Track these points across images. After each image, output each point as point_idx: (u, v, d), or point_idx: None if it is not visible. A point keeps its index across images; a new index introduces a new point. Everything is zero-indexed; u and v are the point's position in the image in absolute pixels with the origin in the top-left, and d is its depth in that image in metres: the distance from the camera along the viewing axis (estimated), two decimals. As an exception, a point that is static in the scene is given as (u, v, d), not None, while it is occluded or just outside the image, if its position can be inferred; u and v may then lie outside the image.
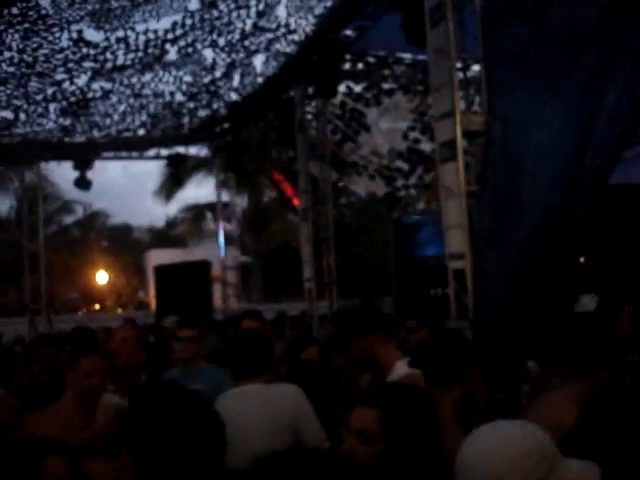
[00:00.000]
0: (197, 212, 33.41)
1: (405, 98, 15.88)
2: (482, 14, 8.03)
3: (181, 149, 17.96)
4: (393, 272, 13.65)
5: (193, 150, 18.58)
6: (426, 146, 15.81)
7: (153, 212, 58.93)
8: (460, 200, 8.10)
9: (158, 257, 26.48)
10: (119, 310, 33.86)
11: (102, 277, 36.37)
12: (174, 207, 35.35)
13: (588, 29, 6.88)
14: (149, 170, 35.21)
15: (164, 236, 41.57)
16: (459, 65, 8.52)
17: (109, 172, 71.53)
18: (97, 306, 36.68)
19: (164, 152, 17.90)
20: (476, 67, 9.02)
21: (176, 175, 18.35)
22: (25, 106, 12.54)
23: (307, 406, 3.88)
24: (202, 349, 5.87)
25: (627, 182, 8.89)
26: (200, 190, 28.25)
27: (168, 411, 2.03)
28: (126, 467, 1.98)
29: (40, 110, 12.76)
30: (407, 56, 13.93)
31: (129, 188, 72.46)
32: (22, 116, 13.01)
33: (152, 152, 18.02)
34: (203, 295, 16.12)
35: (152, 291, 24.88)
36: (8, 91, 11.80)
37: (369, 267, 19.95)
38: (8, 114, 12.89)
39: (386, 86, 15.50)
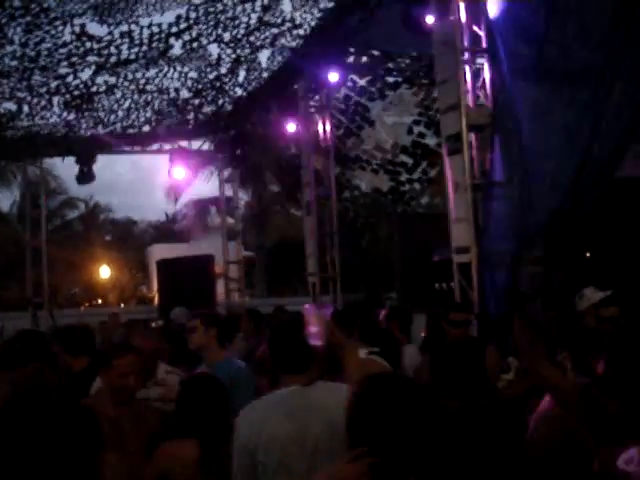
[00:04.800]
0: (201, 207, 33.39)
1: (410, 91, 15.82)
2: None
3: (184, 143, 17.95)
4: (398, 266, 13.63)
5: (196, 144, 18.58)
6: (431, 140, 15.77)
7: (161, 207, 59.07)
8: (466, 194, 8.07)
9: (161, 252, 26.37)
10: (121, 305, 33.83)
11: (104, 272, 36.32)
12: (180, 202, 35.35)
13: (595, 33, 6.88)
14: (156, 165, 35.11)
15: (167, 231, 41.53)
16: (465, 58, 8.48)
17: (116, 168, 71.51)
18: (99, 301, 36.64)
19: (167, 146, 17.88)
20: (481, 60, 8.97)
21: (177, 169, 18.24)
22: (28, 98, 12.50)
23: None
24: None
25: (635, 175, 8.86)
26: (207, 185, 28.21)
27: None
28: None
29: (43, 103, 12.72)
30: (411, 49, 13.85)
31: (137, 183, 72.44)
32: (25, 108, 12.96)
33: (155, 146, 18.00)
34: (206, 290, 16.07)
35: (155, 286, 24.84)
36: (11, 84, 11.76)
37: (373, 261, 19.94)
38: (11, 106, 12.85)
39: (390, 79, 15.44)
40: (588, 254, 9.43)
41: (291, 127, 14.72)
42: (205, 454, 3.44)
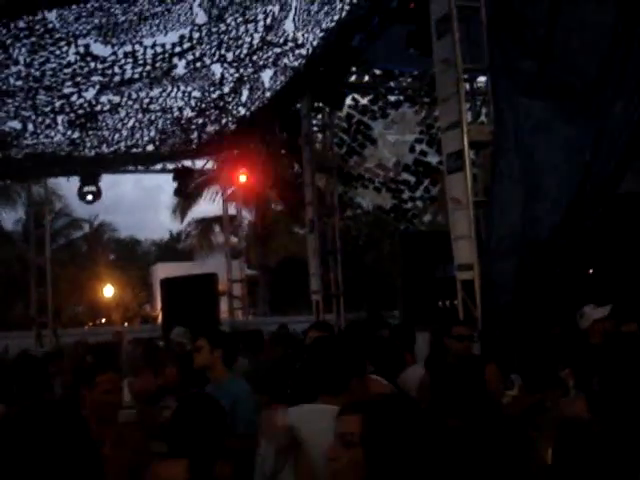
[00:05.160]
0: (205, 225, 33.48)
1: (411, 110, 15.90)
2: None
3: (188, 162, 18.05)
4: (401, 284, 13.63)
5: (199, 163, 18.69)
6: (433, 158, 15.82)
7: (165, 226, 59.26)
8: (468, 211, 8.09)
9: (165, 270, 26.43)
10: (125, 324, 33.83)
11: (108, 291, 36.38)
12: (184, 221, 35.46)
13: (596, 50, 6.93)
14: (160, 184, 35.34)
15: (171, 250, 41.62)
16: (465, 76, 8.54)
17: (120, 187, 71.82)
18: (103, 320, 36.67)
19: (171, 165, 17.99)
20: (482, 78, 9.04)
21: (183, 188, 18.36)
22: (33, 117, 12.58)
23: None
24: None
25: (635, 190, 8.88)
26: (211, 204, 28.32)
27: None
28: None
29: (48, 121, 12.80)
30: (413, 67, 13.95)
31: (141, 202, 72.65)
32: (30, 127, 13.04)
33: (159, 165, 18.11)
34: (209, 308, 16.09)
35: (158, 305, 24.86)
36: (16, 103, 11.84)
37: (376, 279, 19.93)
38: (16, 124, 12.93)
39: (392, 98, 15.54)
40: (591, 270, 9.43)
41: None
42: (194, 476, 3.37)
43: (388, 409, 2.41)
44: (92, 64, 10.75)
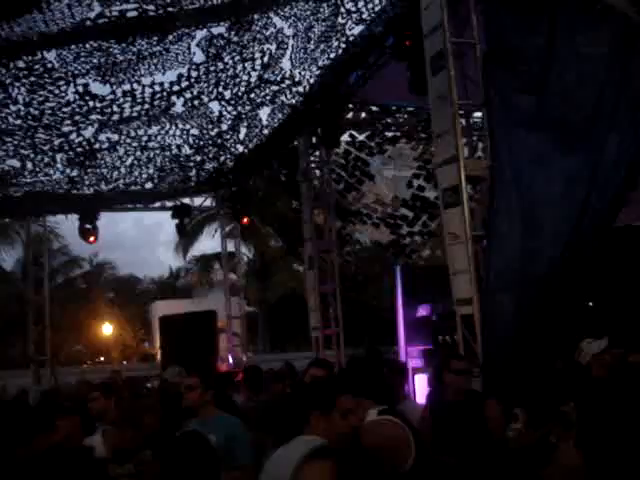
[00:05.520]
0: (204, 262, 33.48)
1: (409, 146, 16.00)
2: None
3: (186, 199, 18.10)
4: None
5: (198, 201, 18.74)
6: (430, 193, 15.87)
7: (164, 263, 59.24)
8: (466, 245, 8.09)
9: (164, 308, 26.39)
10: (124, 362, 33.65)
11: (107, 329, 36.26)
12: (183, 258, 35.45)
13: (592, 82, 6.99)
14: (160, 221, 35.49)
15: (170, 287, 41.54)
16: (461, 112, 8.58)
17: (119, 225, 71.87)
18: (102, 358, 36.49)
19: (170, 203, 18.03)
20: (478, 113, 9.08)
21: (182, 226, 18.38)
22: (32, 155, 12.65)
23: None
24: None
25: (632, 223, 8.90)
26: (212, 241, 28.39)
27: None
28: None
29: (47, 160, 12.87)
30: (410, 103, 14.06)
31: (140, 240, 72.68)
32: (29, 165, 13.11)
33: (158, 203, 18.15)
34: (209, 345, 16.02)
35: (157, 342, 24.77)
36: (15, 142, 11.91)
37: (376, 315, 19.87)
38: (15, 163, 12.99)
39: (389, 134, 15.63)
40: (591, 303, 9.41)
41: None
42: None
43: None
44: (91, 103, 10.84)
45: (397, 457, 3.93)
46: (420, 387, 10.75)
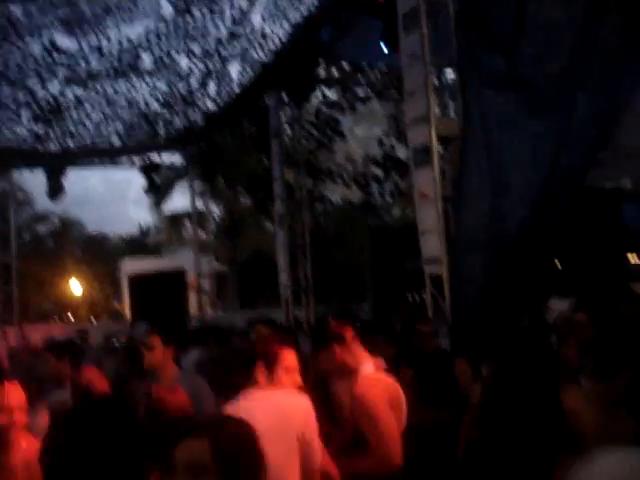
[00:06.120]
0: (175, 220, 33.25)
1: (380, 105, 15.94)
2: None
3: (156, 157, 17.89)
4: (369, 278, 13.65)
5: (167, 158, 18.54)
6: (401, 153, 15.87)
7: (133, 220, 58.47)
8: (436, 205, 8.11)
9: (133, 266, 26.28)
10: (92, 319, 33.55)
11: (76, 286, 36.05)
12: (154, 216, 35.14)
13: (562, 46, 6.98)
14: (129, 178, 34.87)
15: (139, 245, 41.29)
16: (433, 70, 8.54)
17: (88, 181, 70.77)
18: (70, 316, 36.32)
19: (138, 160, 17.81)
20: (450, 75, 9.06)
21: (151, 183, 18.19)
22: (-3, 111, 12.43)
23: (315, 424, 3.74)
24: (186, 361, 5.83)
25: (601, 184, 8.97)
26: (183, 199, 28.08)
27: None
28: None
29: (12, 116, 12.63)
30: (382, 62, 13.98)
31: (108, 197, 71.70)
32: (-7, 121, 12.89)
33: (126, 160, 17.93)
34: (179, 304, 15.99)
35: (127, 300, 24.68)
36: (-21, 97, 11.69)
37: (345, 273, 19.95)
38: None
39: (361, 92, 15.55)
40: (558, 264, 9.52)
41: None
42: None
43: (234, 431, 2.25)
44: (57, 57, 10.63)
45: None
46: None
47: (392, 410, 4.28)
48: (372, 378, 4.44)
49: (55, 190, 16.51)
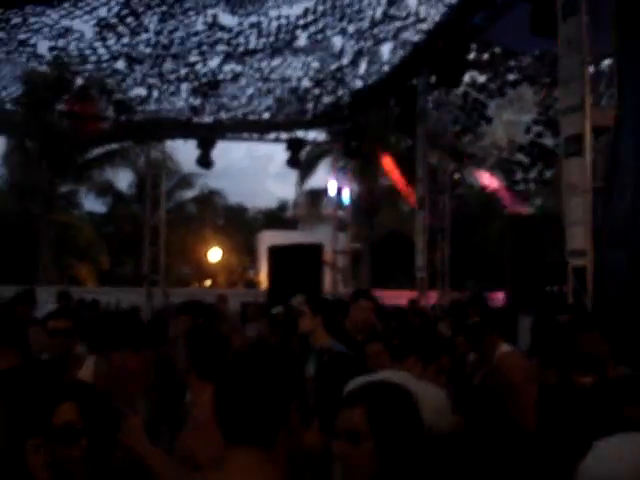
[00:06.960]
0: (314, 196, 33.74)
1: (530, 90, 15.63)
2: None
3: (301, 133, 18.28)
4: (507, 266, 13.51)
5: (312, 135, 18.91)
6: (548, 141, 15.54)
7: (272, 195, 59.91)
8: (584, 197, 7.98)
9: (271, 238, 26.90)
10: (229, 287, 34.60)
11: (215, 254, 37.22)
12: (294, 191, 35.76)
13: None
14: (270, 153, 35.70)
15: (276, 218, 42.23)
16: (589, 59, 8.35)
17: (232, 154, 72.91)
18: (209, 282, 37.62)
19: (284, 136, 18.26)
20: (607, 61, 8.83)
21: (295, 159, 18.61)
22: (158, 84, 13.08)
23: None
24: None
25: None
26: (324, 176, 28.48)
27: None
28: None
29: (172, 89, 13.28)
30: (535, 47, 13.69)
31: (249, 171, 73.66)
32: (155, 94, 13.56)
33: (272, 135, 18.42)
34: (314, 278, 16.31)
35: (263, 271, 25.34)
36: (144, 70, 12.33)
37: (483, 259, 19.78)
38: (142, 91, 13.47)
39: (511, 77, 15.31)
40: None
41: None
42: None
43: (391, 397, 2.30)
44: (219, 34, 11.08)
45: None
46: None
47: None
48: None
49: (205, 160, 17.22)
